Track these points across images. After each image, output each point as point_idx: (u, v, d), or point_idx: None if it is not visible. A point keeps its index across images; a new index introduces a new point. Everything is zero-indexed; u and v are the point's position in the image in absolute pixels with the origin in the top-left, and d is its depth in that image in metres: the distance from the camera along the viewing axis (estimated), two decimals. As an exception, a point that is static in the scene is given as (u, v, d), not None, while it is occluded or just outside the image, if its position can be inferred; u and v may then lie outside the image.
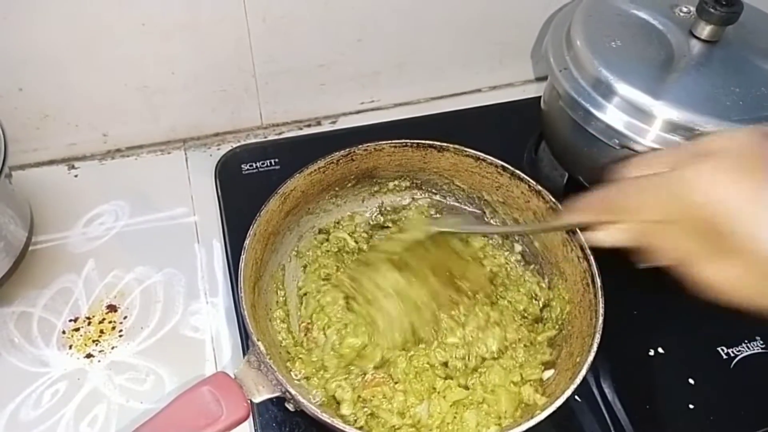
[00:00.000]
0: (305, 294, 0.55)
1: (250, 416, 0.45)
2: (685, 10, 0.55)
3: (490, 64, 0.77)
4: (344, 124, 0.75)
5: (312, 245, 0.58)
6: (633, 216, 0.36)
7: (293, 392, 0.42)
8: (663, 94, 0.50)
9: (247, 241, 0.48)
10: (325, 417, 0.41)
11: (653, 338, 0.55)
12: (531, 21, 0.73)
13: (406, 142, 0.56)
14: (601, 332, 0.46)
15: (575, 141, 0.56)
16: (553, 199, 0.52)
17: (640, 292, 0.58)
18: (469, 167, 0.57)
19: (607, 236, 0.39)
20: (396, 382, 0.48)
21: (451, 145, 0.56)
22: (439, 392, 0.49)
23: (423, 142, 0.56)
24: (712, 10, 0.51)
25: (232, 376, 0.44)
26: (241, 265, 0.47)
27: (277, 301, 0.54)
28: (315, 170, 0.54)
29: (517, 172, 0.54)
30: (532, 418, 0.42)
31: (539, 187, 0.53)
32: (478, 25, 0.72)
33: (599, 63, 0.52)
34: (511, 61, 0.77)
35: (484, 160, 0.56)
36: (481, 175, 0.57)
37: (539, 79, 0.80)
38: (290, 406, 0.45)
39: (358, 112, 0.76)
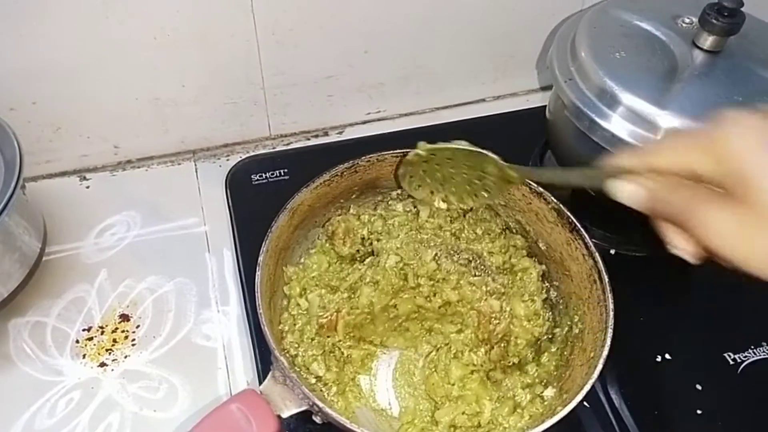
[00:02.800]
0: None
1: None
2: (687, 21, 0.56)
3: (495, 74, 0.78)
4: (351, 134, 0.76)
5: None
6: (663, 157, 0.35)
7: (320, 405, 0.42)
8: (667, 103, 0.50)
9: (260, 258, 0.49)
10: (354, 427, 0.41)
11: (660, 344, 0.56)
12: (534, 32, 0.74)
13: (407, 152, 0.57)
14: (612, 327, 0.46)
15: (581, 150, 0.57)
16: (555, 200, 0.53)
17: (646, 299, 0.59)
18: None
19: (627, 187, 0.36)
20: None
21: None
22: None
23: None
24: (714, 21, 0.51)
25: (259, 392, 0.44)
26: (257, 282, 0.47)
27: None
28: (321, 183, 0.54)
29: (517, 176, 0.55)
30: (553, 414, 0.42)
31: (540, 189, 0.54)
32: (482, 37, 0.73)
33: (604, 73, 0.53)
34: (515, 72, 0.78)
35: None
36: None
37: (543, 89, 0.81)
38: (318, 419, 0.45)
39: (364, 122, 0.77)
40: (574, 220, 0.52)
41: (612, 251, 0.61)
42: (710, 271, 0.62)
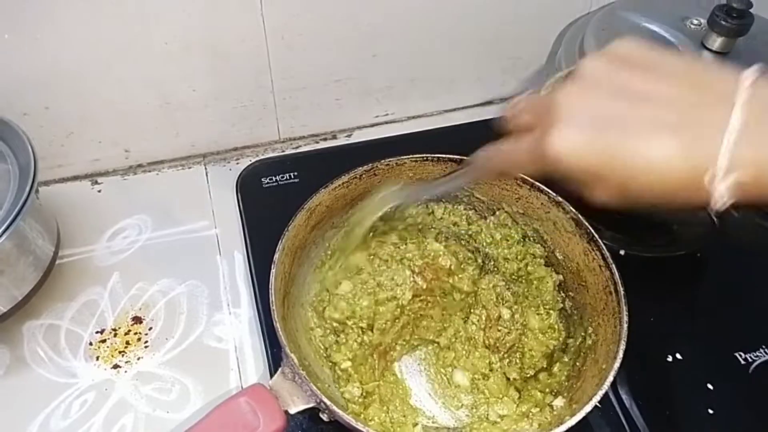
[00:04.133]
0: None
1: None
2: (696, 22, 0.56)
3: (502, 77, 0.78)
4: (359, 137, 0.76)
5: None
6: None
7: (327, 402, 0.43)
8: (676, 104, 0.51)
9: (276, 255, 0.49)
10: (359, 426, 0.42)
11: (670, 344, 0.56)
12: (542, 34, 0.74)
13: (427, 157, 0.57)
14: (626, 339, 0.46)
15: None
16: (573, 210, 0.53)
17: (656, 299, 0.59)
18: (488, 180, 0.58)
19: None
20: None
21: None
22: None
23: (443, 156, 0.57)
24: (723, 23, 0.52)
25: (268, 387, 0.45)
26: (272, 279, 0.48)
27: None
28: (339, 185, 0.54)
29: (537, 183, 0.55)
30: (561, 423, 0.43)
31: (559, 198, 0.54)
32: (490, 40, 0.73)
33: (612, 75, 0.53)
34: (523, 74, 0.78)
35: None
36: (500, 187, 0.57)
37: (551, 91, 0.81)
38: (324, 417, 0.45)
39: (372, 125, 0.78)
40: (592, 231, 0.52)
41: (621, 252, 0.61)
42: (720, 270, 0.63)
